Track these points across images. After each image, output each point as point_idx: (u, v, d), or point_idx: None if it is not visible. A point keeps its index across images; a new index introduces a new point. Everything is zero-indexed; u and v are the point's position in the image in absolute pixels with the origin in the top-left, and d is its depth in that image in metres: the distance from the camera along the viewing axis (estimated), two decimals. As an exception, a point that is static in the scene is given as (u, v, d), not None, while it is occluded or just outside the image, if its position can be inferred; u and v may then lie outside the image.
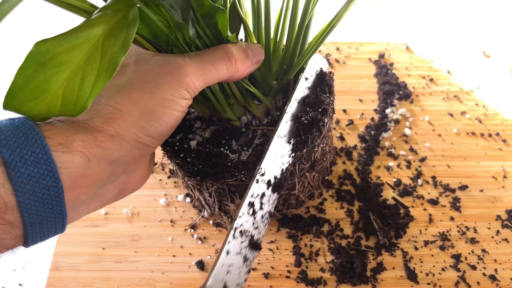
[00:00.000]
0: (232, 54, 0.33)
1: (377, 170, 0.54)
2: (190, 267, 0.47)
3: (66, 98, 0.27)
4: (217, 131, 0.41)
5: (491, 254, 0.47)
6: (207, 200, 0.46)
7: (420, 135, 0.57)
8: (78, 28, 0.26)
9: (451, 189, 0.52)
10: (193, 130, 0.41)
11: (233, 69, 0.34)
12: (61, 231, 0.29)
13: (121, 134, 0.29)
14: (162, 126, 0.31)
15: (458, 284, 0.45)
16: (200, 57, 0.32)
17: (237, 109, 0.40)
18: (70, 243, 0.49)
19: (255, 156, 0.38)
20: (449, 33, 0.70)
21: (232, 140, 0.40)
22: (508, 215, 0.50)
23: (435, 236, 0.49)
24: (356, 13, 0.76)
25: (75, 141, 0.27)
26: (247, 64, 0.35)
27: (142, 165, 0.33)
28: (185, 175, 0.41)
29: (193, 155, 0.38)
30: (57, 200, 0.27)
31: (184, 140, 0.40)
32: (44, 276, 0.46)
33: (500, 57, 0.65)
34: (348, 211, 0.50)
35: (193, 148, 0.39)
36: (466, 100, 0.61)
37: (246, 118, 0.41)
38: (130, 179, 0.33)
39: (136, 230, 0.50)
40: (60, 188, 0.26)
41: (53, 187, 0.26)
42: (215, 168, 0.38)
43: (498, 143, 0.56)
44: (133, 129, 0.30)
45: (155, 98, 0.30)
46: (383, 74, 0.63)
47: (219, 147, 0.39)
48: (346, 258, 0.46)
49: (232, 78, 0.35)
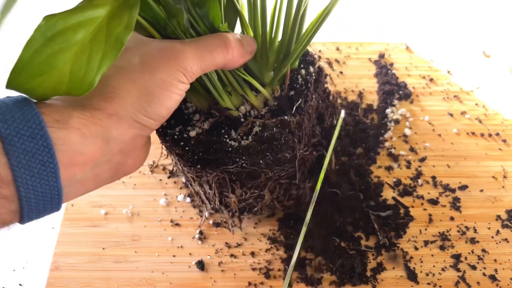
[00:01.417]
0: (229, 42, 0.34)
1: (377, 170, 0.54)
2: (190, 267, 0.47)
3: (73, 75, 0.27)
4: (216, 122, 0.41)
5: (491, 254, 0.47)
6: (207, 193, 0.46)
7: (420, 135, 0.57)
8: (82, 7, 0.27)
9: (451, 189, 0.52)
10: (192, 123, 0.41)
11: (229, 57, 0.34)
12: (57, 209, 0.29)
13: (119, 112, 0.30)
14: (160, 107, 0.32)
15: (458, 284, 0.45)
16: (198, 43, 0.33)
17: (235, 98, 0.40)
18: (70, 243, 0.49)
19: (256, 141, 0.38)
20: (449, 33, 0.70)
21: (231, 130, 0.40)
22: (508, 215, 0.50)
23: (435, 236, 0.49)
24: (356, 13, 0.76)
25: (72, 118, 0.28)
26: (242, 53, 0.35)
27: (139, 146, 0.34)
28: (185, 165, 0.41)
29: (192, 142, 0.39)
30: (53, 176, 0.27)
31: (184, 131, 0.40)
32: (44, 276, 0.46)
33: (500, 57, 0.65)
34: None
35: (192, 137, 0.39)
36: (466, 100, 0.61)
37: (244, 108, 0.41)
38: (126, 160, 0.33)
39: (136, 230, 0.50)
40: (56, 164, 0.26)
41: (49, 163, 0.26)
42: (215, 155, 0.38)
43: (498, 143, 0.56)
44: (131, 108, 0.30)
45: (154, 79, 0.31)
46: (383, 74, 0.63)
47: (219, 137, 0.40)
48: (346, 258, 0.46)
49: (228, 66, 0.36)
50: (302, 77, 0.43)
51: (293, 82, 0.43)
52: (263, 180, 0.42)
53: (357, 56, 0.66)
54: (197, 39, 0.34)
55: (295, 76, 0.43)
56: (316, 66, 0.44)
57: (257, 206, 0.46)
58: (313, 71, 0.43)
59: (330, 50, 0.67)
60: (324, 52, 0.67)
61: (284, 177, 0.43)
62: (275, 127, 0.39)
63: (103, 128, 0.29)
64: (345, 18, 0.75)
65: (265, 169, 0.40)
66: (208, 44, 0.33)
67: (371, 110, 0.60)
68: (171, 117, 0.39)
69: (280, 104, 0.41)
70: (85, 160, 0.29)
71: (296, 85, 0.42)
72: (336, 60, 0.66)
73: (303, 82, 0.43)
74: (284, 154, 0.40)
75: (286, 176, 0.43)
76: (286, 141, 0.39)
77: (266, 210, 0.48)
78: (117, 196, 0.52)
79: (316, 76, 0.44)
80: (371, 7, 0.77)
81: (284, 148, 0.39)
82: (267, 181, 0.42)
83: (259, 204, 0.46)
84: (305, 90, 0.42)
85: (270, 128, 0.39)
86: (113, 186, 0.52)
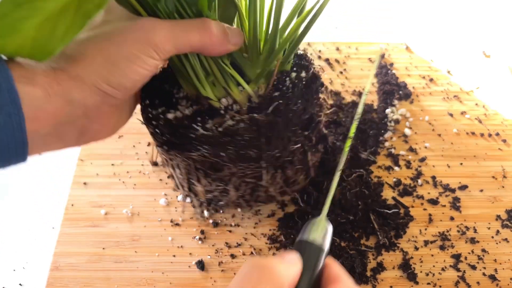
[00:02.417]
0: (208, 26, 0.34)
1: (377, 170, 0.54)
2: (190, 267, 0.47)
3: (36, 41, 0.28)
4: (199, 111, 0.41)
5: (491, 254, 0.47)
6: (179, 178, 0.46)
7: (420, 135, 0.57)
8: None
9: (451, 189, 0.52)
10: (177, 107, 0.41)
11: (207, 40, 0.34)
12: (22, 160, 0.31)
13: (82, 77, 0.31)
14: (123, 79, 0.32)
15: (458, 284, 0.45)
16: (174, 22, 0.33)
17: (218, 90, 0.40)
18: (70, 243, 0.49)
19: (223, 134, 0.38)
20: (449, 33, 0.70)
21: (209, 120, 0.40)
22: (508, 215, 0.50)
23: (435, 236, 0.49)
24: (356, 13, 0.76)
25: (38, 75, 0.29)
26: (223, 41, 0.35)
27: (106, 114, 0.34)
28: (157, 145, 0.42)
29: (161, 123, 0.39)
30: (19, 128, 0.28)
31: (165, 113, 0.40)
32: (44, 276, 0.46)
33: (500, 57, 0.65)
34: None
35: (164, 118, 0.39)
36: (466, 100, 0.61)
37: (226, 101, 0.40)
38: (91, 125, 0.34)
39: (136, 230, 0.50)
40: (22, 116, 0.28)
41: (15, 115, 0.28)
42: (180, 139, 0.38)
43: (498, 143, 0.56)
44: (94, 75, 0.31)
45: (121, 51, 0.31)
46: (383, 74, 0.64)
47: (191, 123, 0.39)
48: (346, 257, 0.46)
49: (206, 51, 0.35)
50: (290, 80, 0.42)
51: (280, 83, 0.41)
52: (227, 175, 0.42)
53: (357, 56, 0.66)
54: (176, 20, 0.34)
55: (284, 77, 0.42)
56: (311, 71, 0.43)
57: (223, 200, 0.46)
58: (305, 76, 0.42)
59: (330, 50, 0.67)
60: (324, 52, 0.67)
61: (250, 176, 0.42)
62: (242, 123, 0.38)
63: (65, 89, 0.30)
64: (345, 18, 0.75)
65: (228, 163, 0.40)
66: (185, 24, 0.34)
67: (371, 110, 0.60)
68: (156, 97, 0.41)
69: (261, 103, 0.40)
70: (48, 116, 0.30)
71: (283, 87, 0.41)
72: (336, 60, 0.66)
73: (291, 85, 0.41)
74: (247, 152, 0.39)
75: (252, 176, 0.42)
76: (251, 138, 0.38)
77: (232, 206, 0.48)
78: (117, 196, 0.52)
79: (307, 82, 0.42)
80: (371, 7, 0.77)
81: (248, 145, 0.39)
82: (231, 176, 0.42)
83: (225, 199, 0.45)
84: (290, 93, 0.40)
85: (237, 123, 0.38)
86: (113, 186, 0.53)
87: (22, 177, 0.56)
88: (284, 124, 0.40)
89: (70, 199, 0.52)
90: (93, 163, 0.55)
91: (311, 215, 0.49)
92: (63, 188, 0.54)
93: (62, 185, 0.55)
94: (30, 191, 0.55)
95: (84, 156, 0.55)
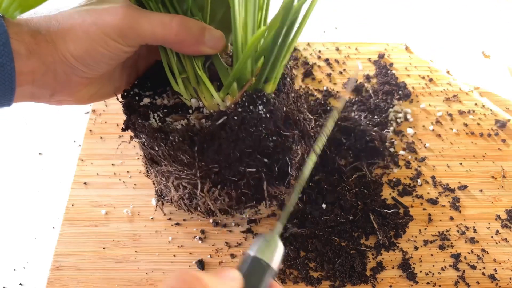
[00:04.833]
0: (178, 22, 0.34)
1: (377, 170, 0.54)
2: (190, 267, 0.47)
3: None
4: (178, 104, 0.41)
5: (490, 254, 0.48)
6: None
7: (420, 135, 0.57)
8: None
9: (451, 189, 0.52)
10: (163, 95, 0.42)
11: (171, 36, 0.34)
12: (7, 105, 0.34)
13: (56, 44, 0.33)
14: (84, 55, 0.34)
15: (458, 283, 0.45)
16: (146, 13, 0.34)
17: (190, 89, 0.40)
18: (70, 242, 0.49)
19: (160, 131, 0.38)
20: (449, 33, 0.70)
21: (173, 114, 0.40)
22: (507, 215, 0.50)
23: (435, 236, 0.49)
24: (356, 13, 0.76)
25: (25, 34, 0.33)
26: (197, 41, 0.35)
27: (74, 84, 0.36)
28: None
29: (124, 104, 0.40)
30: (9, 77, 0.32)
31: (151, 97, 0.41)
32: (45, 276, 0.47)
33: (500, 57, 0.66)
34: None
35: (135, 103, 0.40)
36: (465, 100, 0.61)
37: (196, 102, 0.40)
38: (62, 89, 0.36)
39: (136, 230, 0.50)
40: (13, 67, 0.32)
41: (7, 65, 0.31)
42: (131, 124, 0.39)
43: (497, 143, 0.57)
44: (62, 45, 0.33)
45: (91, 29, 0.33)
46: (382, 74, 0.64)
47: (164, 115, 0.40)
48: (346, 257, 0.46)
49: (177, 48, 0.36)
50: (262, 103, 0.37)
51: (252, 103, 0.37)
52: (165, 171, 0.42)
53: (357, 56, 0.66)
54: (150, 11, 0.35)
55: (258, 97, 0.37)
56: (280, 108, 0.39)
57: (168, 196, 0.46)
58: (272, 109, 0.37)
59: (330, 50, 0.67)
60: (324, 52, 0.67)
61: (185, 180, 0.41)
62: (179, 124, 0.38)
63: (42, 50, 0.33)
64: (345, 18, 0.75)
65: (163, 159, 0.40)
66: (153, 15, 0.34)
67: (371, 110, 0.60)
68: (148, 81, 0.42)
69: (222, 113, 0.37)
70: (28, 72, 0.33)
71: (250, 106, 0.37)
72: (336, 61, 0.66)
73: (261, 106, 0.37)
74: (178, 155, 0.38)
75: (188, 181, 0.41)
76: (180, 142, 0.37)
77: (176, 206, 0.46)
78: (118, 196, 0.52)
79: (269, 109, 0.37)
80: (371, 7, 0.77)
81: (178, 149, 0.38)
82: (169, 174, 0.42)
83: (169, 195, 0.45)
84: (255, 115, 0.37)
85: (176, 124, 0.38)
86: (113, 186, 0.53)
87: (23, 177, 0.56)
88: (230, 141, 0.37)
89: (71, 199, 0.52)
90: (93, 163, 0.55)
91: (310, 215, 0.49)
92: (63, 188, 0.54)
93: (62, 185, 0.55)
94: (30, 191, 0.55)
95: (84, 156, 0.55)
